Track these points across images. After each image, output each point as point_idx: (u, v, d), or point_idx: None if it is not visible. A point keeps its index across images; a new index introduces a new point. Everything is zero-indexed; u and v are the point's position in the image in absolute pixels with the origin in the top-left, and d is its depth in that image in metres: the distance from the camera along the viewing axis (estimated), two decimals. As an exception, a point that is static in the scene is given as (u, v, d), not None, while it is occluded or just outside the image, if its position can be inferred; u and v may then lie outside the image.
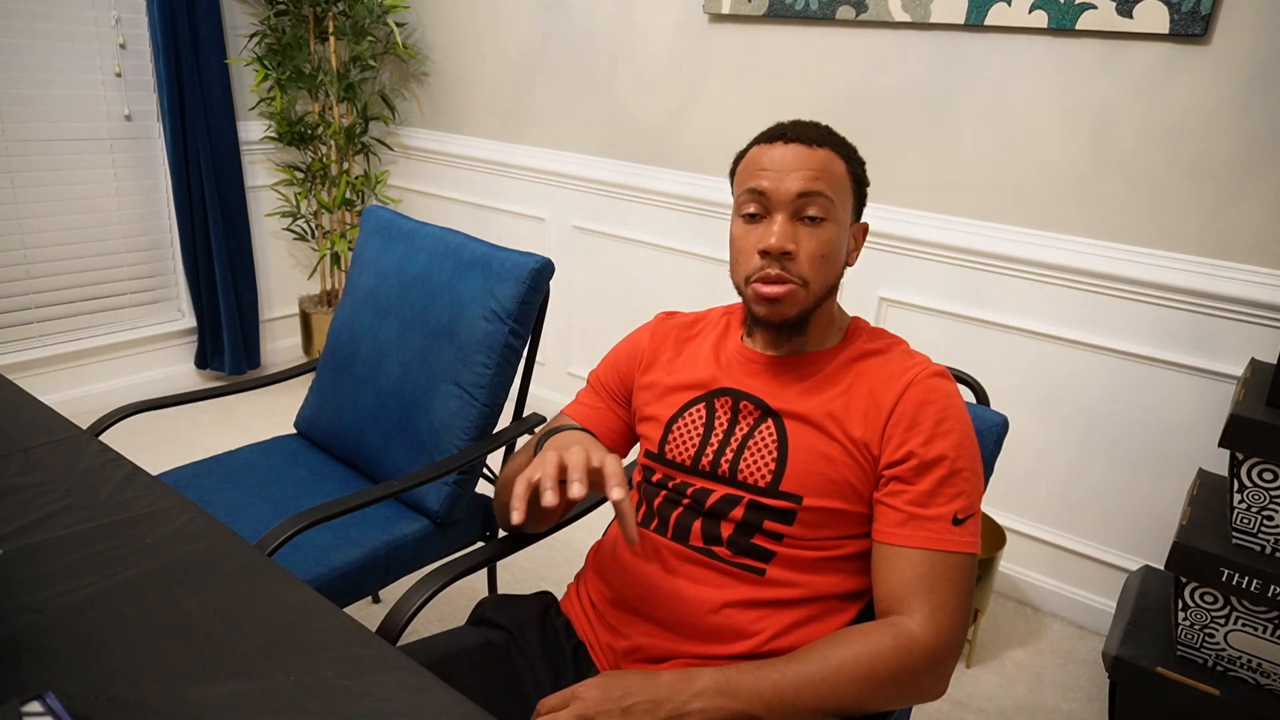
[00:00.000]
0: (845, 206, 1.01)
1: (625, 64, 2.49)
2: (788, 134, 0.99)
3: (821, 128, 1.02)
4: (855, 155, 1.04)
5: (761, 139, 1.03)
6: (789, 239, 0.97)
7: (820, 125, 1.02)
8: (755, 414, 1.03)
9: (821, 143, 0.99)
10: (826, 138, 1.00)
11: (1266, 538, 1.46)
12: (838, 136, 1.03)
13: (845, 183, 1.00)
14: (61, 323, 2.75)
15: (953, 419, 0.96)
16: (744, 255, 1.01)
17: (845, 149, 1.02)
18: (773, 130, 1.02)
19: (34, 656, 0.78)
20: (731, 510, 1.00)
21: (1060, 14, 1.79)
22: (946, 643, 0.90)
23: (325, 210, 3.06)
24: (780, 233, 0.97)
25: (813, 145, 0.98)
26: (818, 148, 0.99)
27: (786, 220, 0.97)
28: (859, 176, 1.03)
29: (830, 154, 0.99)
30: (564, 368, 2.93)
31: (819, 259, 0.98)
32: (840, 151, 1.01)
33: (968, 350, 2.10)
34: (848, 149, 1.03)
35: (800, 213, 0.98)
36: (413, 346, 1.57)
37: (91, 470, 1.11)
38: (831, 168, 0.99)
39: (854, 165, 1.02)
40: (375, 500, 1.36)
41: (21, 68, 2.47)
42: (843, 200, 1.00)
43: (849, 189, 1.01)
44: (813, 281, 0.99)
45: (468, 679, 0.97)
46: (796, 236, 0.98)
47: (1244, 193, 1.71)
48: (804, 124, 1.01)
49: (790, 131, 1.00)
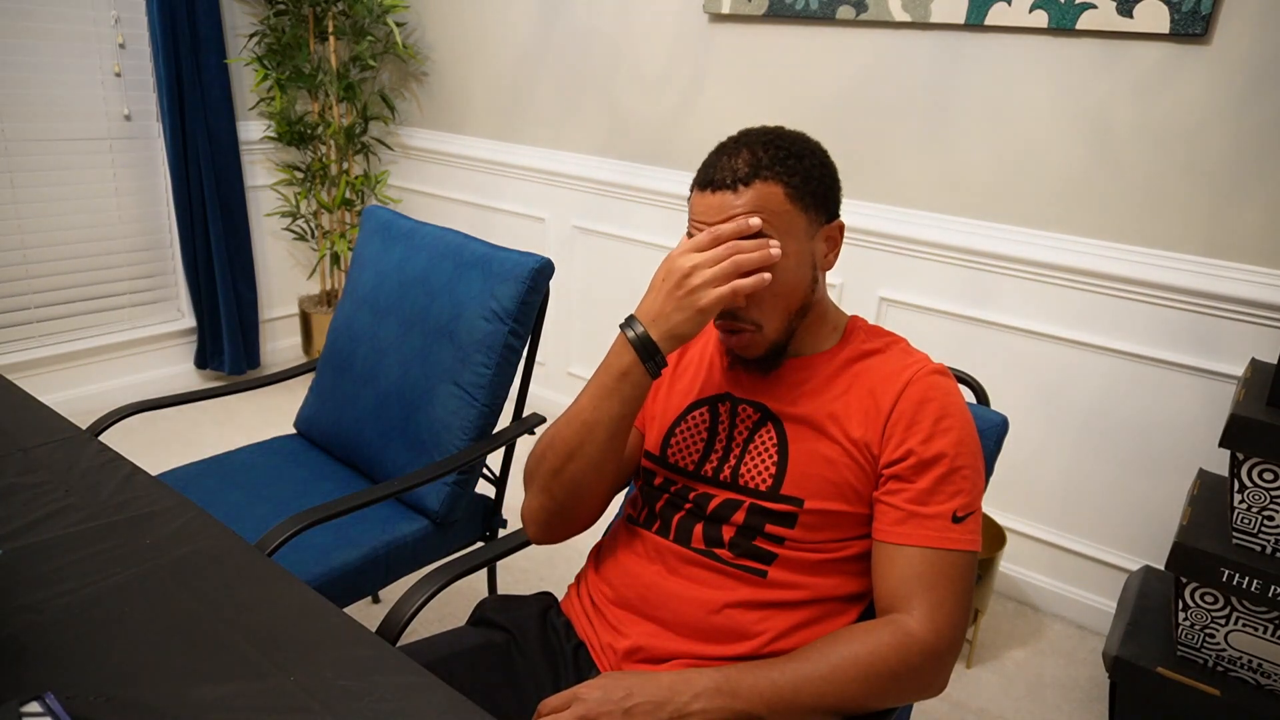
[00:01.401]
0: (794, 231, 0.95)
1: (625, 64, 2.49)
2: (715, 180, 0.94)
3: (759, 148, 0.94)
4: (799, 167, 0.94)
5: (698, 179, 0.97)
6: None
7: (758, 144, 0.95)
8: (755, 418, 1.03)
9: (750, 179, 0.92)
10: (756, 169, 0.93)
11: (1267, 538, 1.46)
12: (775, 154, 0.94)
13: (786, 207, 0.94)
14: (61, 323, 2.75)
15: (952, 416, 0.96)
16: None
17: (783, 168, 0.94)
18: (706, 174, 0.96)
19: (34, 656, 0.78)
20: (733, 515, 1.00)
21: (1060, 14, 1.79)
22: (946, 640, 0.90)
23: (325, 210, 3.06)
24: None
25: (738, 188, 0.92)
26: (744, 188, 0.92)
27: None
28: (809, 189, 0.95)
29: (761, 188, 0.92)
30: (564, 368, 2.93)
31: (769, 300, 0.96)
32: (775, 175, 0.93)
33: (968, 350, 2.10)
34: (786, 165, 0.94)
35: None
36: (412, 346, 1.57)
37: (91, 470, 1.11)
38: (765, 203, 0.92)
39: (798, 183, 0.94)
40: (375, 500, 1.36)
41: (21, 68, 2.47)
42: (787, 228, 0.94)
43: (794, 211, 0.94)
44: (770, 323, 0.97)
45: (468, 679, 0.97)
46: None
47: (1244, 193, 1.71)
48: (735, 154, 0.94)
49: (719, 176, 0.94)
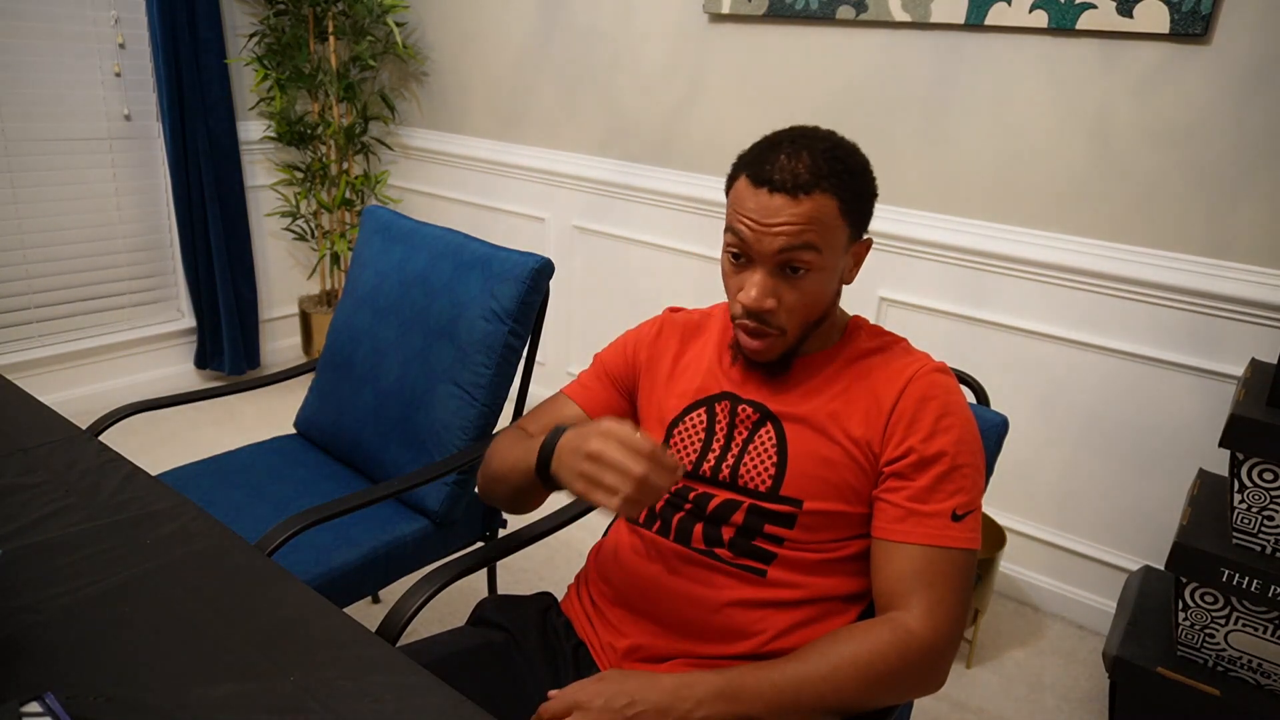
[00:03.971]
0: (836, 246, 0.94)
1: (625, 64, 2.49)
2: (774, 180, 0.91)
3: (818, 156, 0.92)
4: (854, 182, 0.93)
5: (750, 171, 0.94)
6: (767, 295, 0.94)
7: (817, 150, 0.92)
8: (754, 418, 1.02)
9: (811, 188, 0.90)
10: (820, 175, 0.91)
11: (1267, 538, 1.46)
12: (836, 163, 0.92)
13: (837, 222, 0.93)
14: (61, 323, 2.75)
15: (953, 415, 0.96)
16: (729, 294, 0.99)
17: (842, 180, 0.92)
18: (762, 164, 0.93)
19: (34, 656, 0.78)
20: (732, 515, 1.00)
21: (1060, 14, 1.79)
22: (945, 638, 0.90)
23: (325, 210, 3.06)
24: (759, 291, 0.93)
25: (799, 196, 0.90)
26: (804, 197, 0.90)
27: (767, 275, 0.93)
28: (858, 206, 0.95)
29: (820, 199, 0.90)
30: (564, 368, 2.93)
31: (800, 309, 0.96)
32: (834, 188, 0.91)
33: (968, 350, 2.10)
34: (845, 178, 0.92)
35: (782, 266, 0.93)
36: (412, 346, 1.57)
37: (91, 470, 1.11)
38: (820, 216, 0.91)
39: (850, 198, 0.93)
40: (375, 500, 1.36)
41: (21, 68, 2.47)
42: (833, 242, 0.93)
43: (842, 226, 0.93)
44: (792, 329, 0.97)
45: (468, 679, 0.97)
46: (778, 290, 0.94)
47: (1244, 193, 1.71)
48: (796, 157, 0.91)
49: (779, 176, 0.91)
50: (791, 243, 0.91)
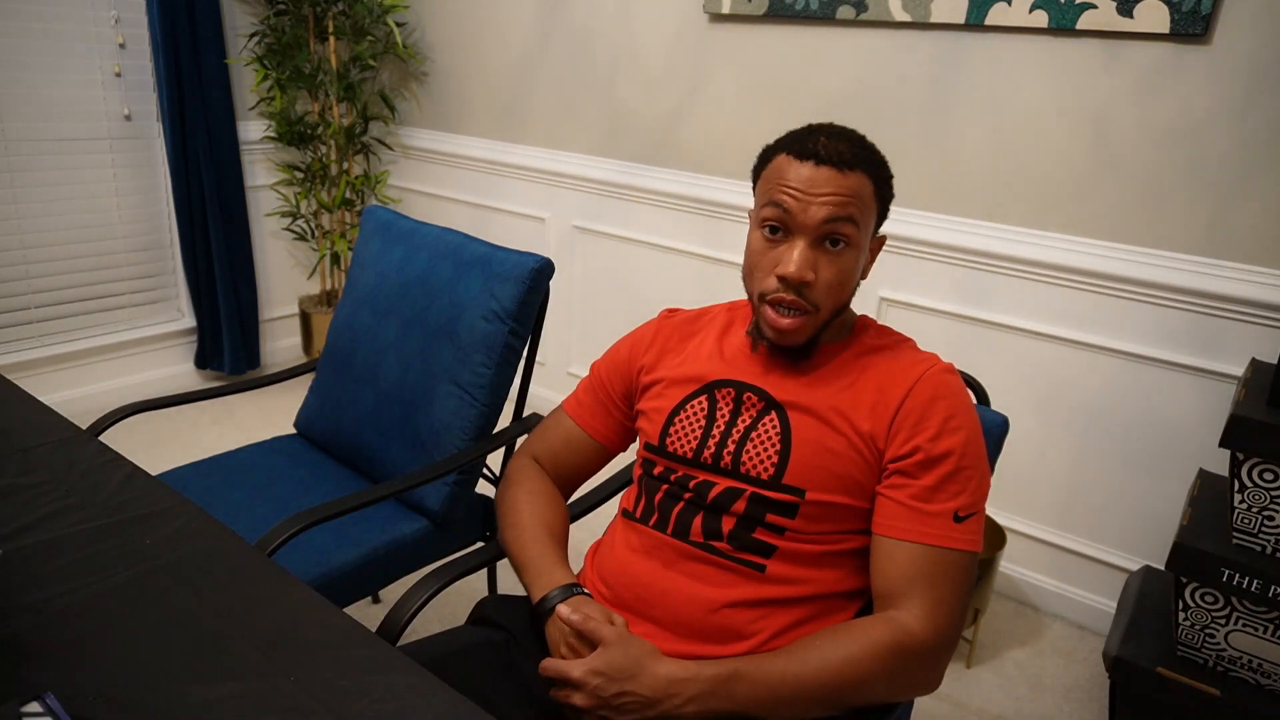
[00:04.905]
0: (868, 228, 0.99)
1: (625, 64, 2.49)
2: (820, 154, 0.94)
3: (855, 142, 0.97)
4: (884, 171, 0.99)
5: (792, 148, 0.97)
6: (809, 267, 0.95)
7: (853, 138, 0.97)
8: (759, 406, 1.02)
9: (854, 165, 0.94)
10: (859, 158, 0.95)
11: (1267, 538, 1.46)
12: (870, 151, 0.98)
13: (872, 204, 0.97)
14: (61, 323, 2.75)
15: (961, 416, 0.96)
16: (760, 271, 0.99)
17: (876, 166, 0.97)
18: (804, 142, 0.96)
19: (34, 656, 0.78)
20: (734, 504, 1.00)
21: (1060, 14, 1.79)
22: (943, 639, 0.90)
23: (325, 210, 3.06)
24: (800, 261, 0.94)
25: (844, 170, 0.94)
26: (849, 172, 0.94)
27: (807, 247, 0.95)
28: (886, 193, 1.00)
29: (861, 177, 0.95)
30: (564, 368, 2.93)
31: (836, 286, 0.97)
32: (870, 171, 0.96)
33: (968, 350, 2.10)
34: (878, 165, 0.98)
35: (823, 239, 0.95)
36: (412, 346, 1.57)
37: (91, 470, 1.11)
38: (861, 192, 0.95)
39: (882, 184, 0.98)
40: (375, 500, 1.36)
41: (21, 68, 2.47)
42: (867, 221, 0.97)
43: (874, 209, 0.98)
44: (825, 307, 0.98)
45: (467, 679, 0.96)
46: (816, 264, 0.95)
47: (1244, 193, 1.71)
48: (837, 139, 0.96)
49: (823, 151, 0.94)
50: (837, 213, 0.94)
